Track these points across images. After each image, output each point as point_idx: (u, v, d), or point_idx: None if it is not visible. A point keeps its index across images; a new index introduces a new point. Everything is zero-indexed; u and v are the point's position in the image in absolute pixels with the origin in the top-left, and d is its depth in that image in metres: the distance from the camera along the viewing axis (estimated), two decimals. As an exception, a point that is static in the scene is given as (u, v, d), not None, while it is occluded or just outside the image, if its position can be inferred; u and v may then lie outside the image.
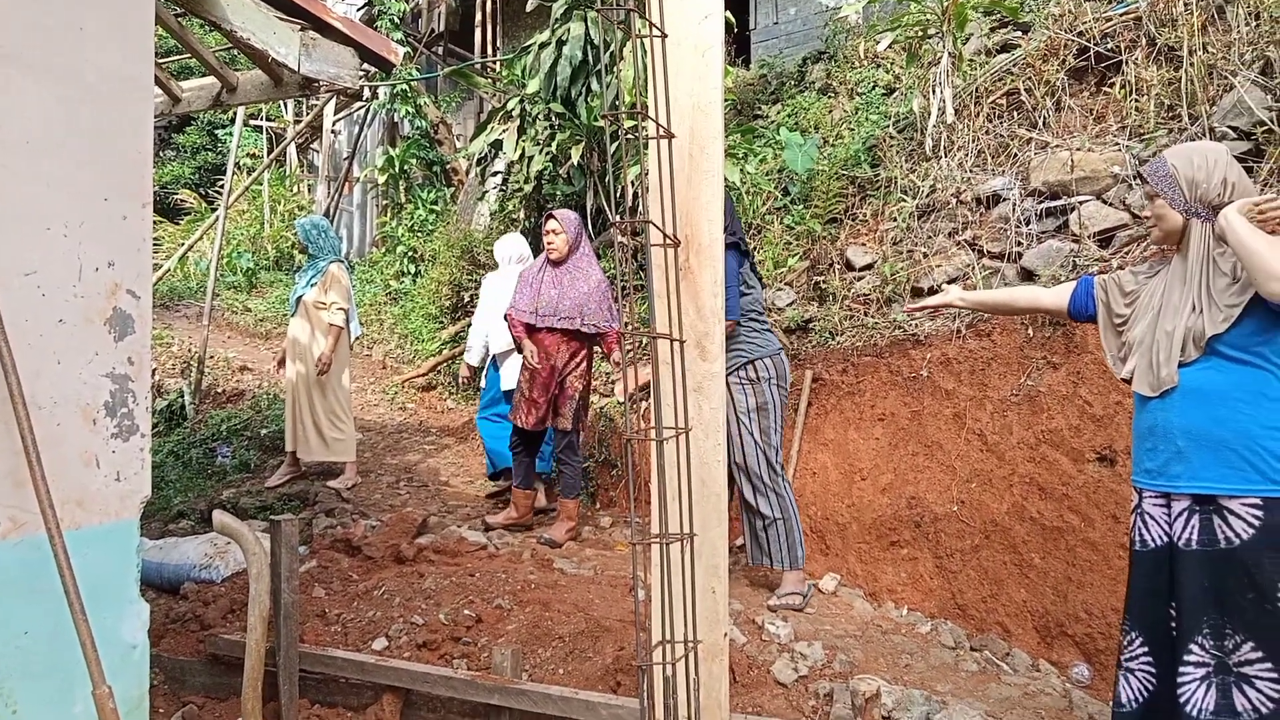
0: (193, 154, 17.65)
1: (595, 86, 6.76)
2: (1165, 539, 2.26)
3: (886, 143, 5.48)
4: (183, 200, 14.59)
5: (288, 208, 13.83)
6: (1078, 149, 4.43)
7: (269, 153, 13.26)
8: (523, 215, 8.04)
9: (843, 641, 3.33)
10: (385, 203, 12.33)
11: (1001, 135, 4.95)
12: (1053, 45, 5.00)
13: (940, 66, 5.12)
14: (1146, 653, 2.30)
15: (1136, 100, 4.48)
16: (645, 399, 5.05)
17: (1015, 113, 5.04)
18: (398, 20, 11.62)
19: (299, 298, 5.54)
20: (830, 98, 6.64)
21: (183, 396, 7.55)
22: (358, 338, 6.12)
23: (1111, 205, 4.23)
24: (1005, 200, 4.61)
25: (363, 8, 12.52)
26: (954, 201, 4.83)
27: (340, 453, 5.53)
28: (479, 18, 11.95)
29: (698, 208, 1.94)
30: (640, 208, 1.92)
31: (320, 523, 4.85)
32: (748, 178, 5.94)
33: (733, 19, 5.92)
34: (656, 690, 1.85)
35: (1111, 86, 4.67)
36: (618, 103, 5.80)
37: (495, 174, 8.46)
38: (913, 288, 4.65)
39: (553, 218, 4.65)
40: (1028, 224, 4.43)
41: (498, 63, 11.31)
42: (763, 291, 4.14)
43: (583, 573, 4.04)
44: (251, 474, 6.08)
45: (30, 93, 1.93)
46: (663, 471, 1.80)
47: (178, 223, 14.23)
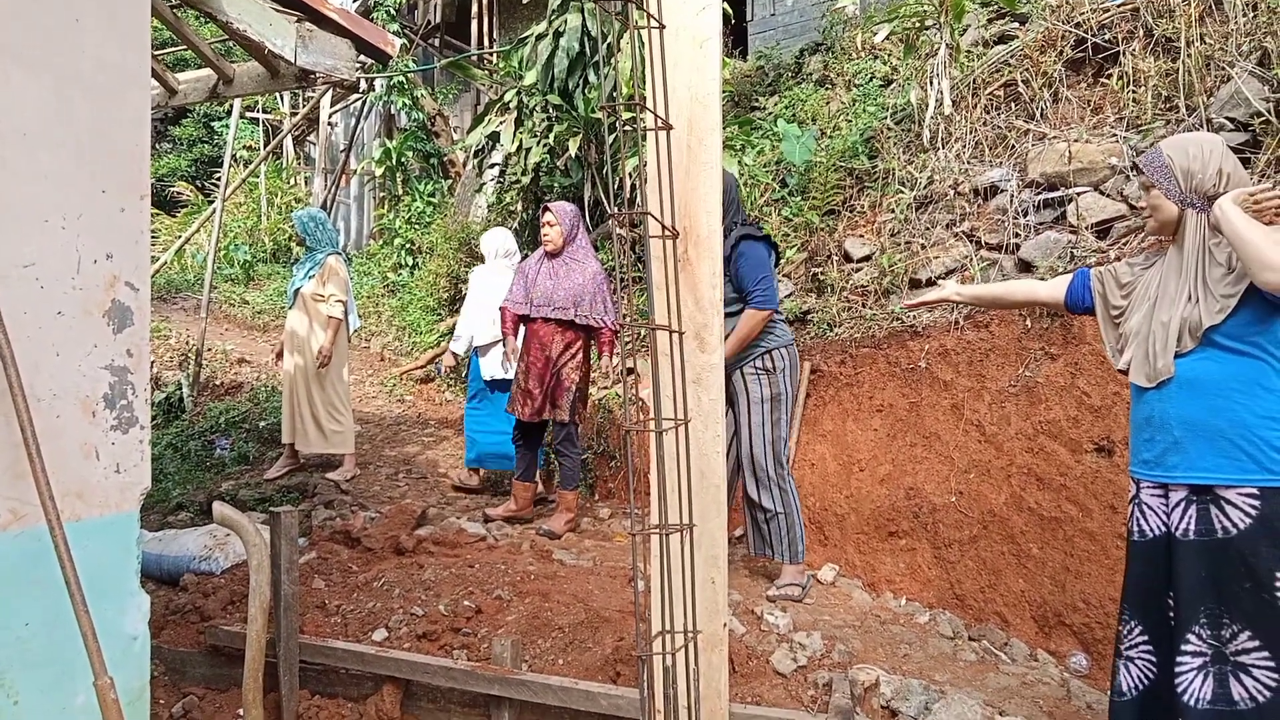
0: (189, 146, 17.63)
1: (593, 78, 6.74)
2: (1163, 529, 2.27)
3: (884, 134, 5.48)
4: (179, 193, 14.56)
5: (284, 200, 13.80)
6: (1075, 140, 4.44)
7: (265, 145, 13.24)
8: (520, 207, 8.02)
9: (841, 631, 3.35)
10: (382, 195, 12.31)
11: (999, 126, 4.95)
12: (1050, 36, 5.00)
13: (938, 58, 5.11)
14: (1146, 641, 2.31)
15: (1134, 91, 4.48)
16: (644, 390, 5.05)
17: (1013, 104, 5.04)
18: (394, 12, 11.58)
19: (297, 290, 5.53)
20: (828, 89, 6.63)
21: (181, 389, 7.55)
22: (356, 330, 6.12)
23: (1109, 196, 4.24)
24: (1003, 191, 4.62)
25: (359, -1, 12.48)
26: (952, 193, 4.83)
27: (339, 445, 5.54)
28: (475, 9, 11.92)
29: (696, 199, 1.94)
30: (638, 199, 1.92)
31: (319, 514, 4.86)
32: (745, 169, 5.94)
33: (730, 10, 5.92)
34: (656, 680, 1.86)
35: (1109, 78, 4.66)
36: (615, 94, 5.79)
37: (492, 166, 8.45)
38: (910, 279, 4.66)
39: (548, 210, 4.68)
40: (1025, 215, 4.43)
41: (494, 54, 11.27)
42: None
43: (582, 564, 4.05)
44: (250, 466, 6.08)
45: (27, 85, 1.92)
46: (662, 463, 1.81)
47: (174, 215, 14.21)
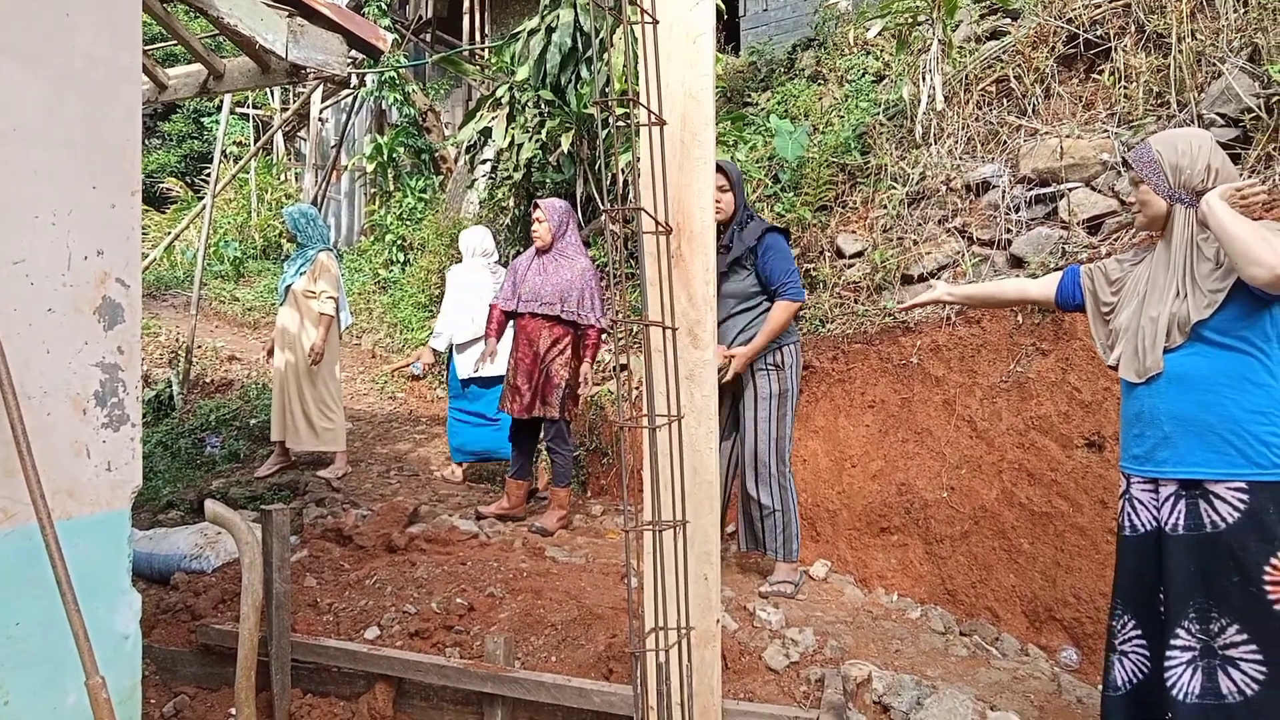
0: (179, 142, 17.56)
1: (585, 73, 6.73)
2: (1153, 524, 2.28)
3: (876, 130, 5.48)
4: (169, 189, 14.49)
5: (275, 196, 13.75)
6: (1067, 136, 4.45)
7: (256, 141, 13.18)
8: (512, 203, 7.99)
9: (834, 627, 3.36)
10: (373, 191, 12.27)
11: (991, 122, 4.96)
12: (1042, 32, 5.01)
13: (930, 53, 5.12)
14: (1139, 635, 2.32)
15: (1125, 87, 4.49)
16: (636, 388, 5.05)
17: (1005, 100, 5.04)
18: (385, 7, 11.54)
19: (288, 286, 5.50)
20: (820, 85, 6.63)
21: (171, 386, 7.52)
22: (348, 327, 6.10)
23: (1100, 192, 4.25)
24: (995, 187, 4.63)
25: (350, -6, 12.42)
26: (944, 189, 4.84)
27: (330, 442, 5.52)
28: (467, 4, 11.88)
29: (689, 195, 1.94)
30: (631, 195, 1.92)
31: (311, 512, 4.85)
32: (738, 165, 5.93)
33: (723, 6, 5.91)
34: (649, 677, 1.86)
35: (1100, 73, 4.68)
36: (608, 89, 5.77)
37: (484, 162, 8.42)
38: (903, 275, 4.67)
39: (538, 206, 4.69)
40: (1017, 211, 4.44)
41: (486, 50, 11.25)
42: None
43: (574, 561, 4.05)
44: (241, 464, 6.06)
45: (17, 80, 1.91)
46: (655, 459, 1.81)
47: (164, 211, 14.15)
